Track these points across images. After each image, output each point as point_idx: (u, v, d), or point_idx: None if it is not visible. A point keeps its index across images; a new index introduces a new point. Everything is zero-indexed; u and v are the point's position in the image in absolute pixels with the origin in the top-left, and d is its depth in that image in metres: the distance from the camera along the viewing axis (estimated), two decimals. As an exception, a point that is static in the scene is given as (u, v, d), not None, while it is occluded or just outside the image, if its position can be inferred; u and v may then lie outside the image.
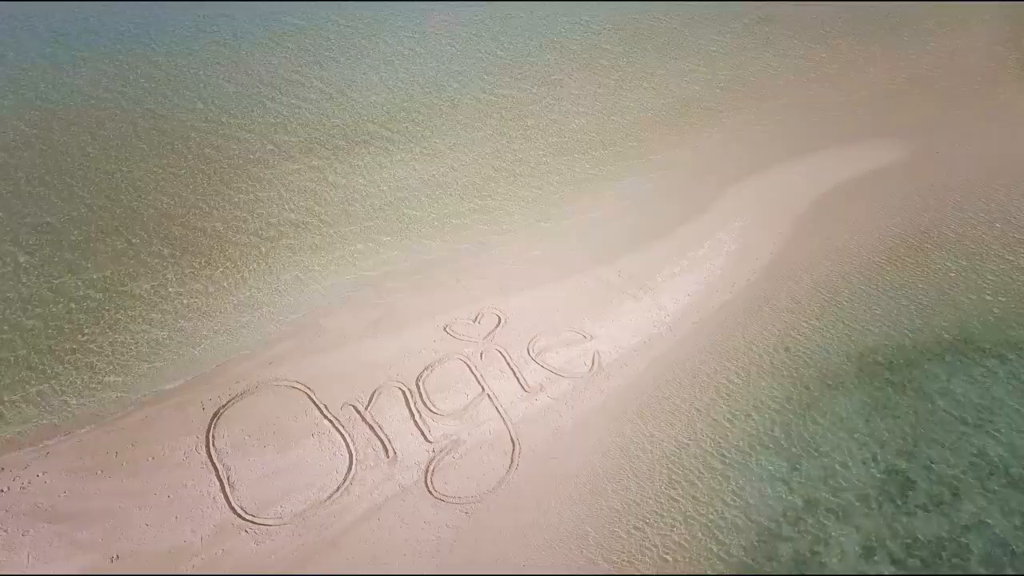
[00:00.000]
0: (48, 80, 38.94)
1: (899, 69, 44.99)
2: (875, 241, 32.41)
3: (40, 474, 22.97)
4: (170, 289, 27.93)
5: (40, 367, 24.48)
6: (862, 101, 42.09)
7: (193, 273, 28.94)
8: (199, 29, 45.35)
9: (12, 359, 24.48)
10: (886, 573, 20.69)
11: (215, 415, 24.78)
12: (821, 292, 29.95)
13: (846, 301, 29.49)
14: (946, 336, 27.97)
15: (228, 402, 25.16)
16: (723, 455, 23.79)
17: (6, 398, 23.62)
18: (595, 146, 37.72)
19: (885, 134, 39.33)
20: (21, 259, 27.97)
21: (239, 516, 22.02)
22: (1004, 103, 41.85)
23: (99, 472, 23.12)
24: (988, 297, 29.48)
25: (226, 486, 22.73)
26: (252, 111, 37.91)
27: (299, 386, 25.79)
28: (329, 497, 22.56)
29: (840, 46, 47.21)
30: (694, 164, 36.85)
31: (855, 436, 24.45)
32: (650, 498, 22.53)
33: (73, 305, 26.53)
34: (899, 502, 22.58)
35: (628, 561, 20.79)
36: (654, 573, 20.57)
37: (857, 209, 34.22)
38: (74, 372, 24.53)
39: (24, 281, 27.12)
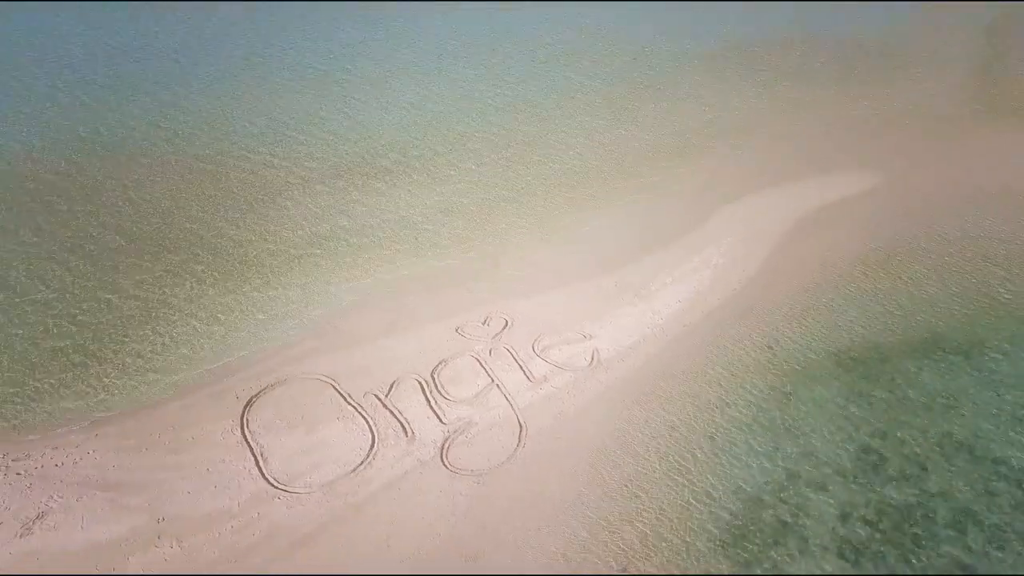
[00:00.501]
0: (96, 118, 42.71)
1: (874, 109, 48.66)
2: (852, 255, 35.20)
3: (91, 452, 25.30)
4: (207, 291, 30.74)
5: (94, 353, 27.15)
6: (841, 137, 45.58)
7: (228, 278, 31.79)
8: (228, 74, 49.36)
9: (71, 346, 27.21)
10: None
11: (248, 403, 27.20)
12: (803, 299, 32.58)
13: (825, 306, 32.09)
14: (916, 335, 30.48)
15: (259, 392, 27.61)
16: (713, 435, 26.06)
17: (65, 376, 26.25)
18: (593, 173, 41.01)
19: (861, 165, 42.59)
20: (73, 263, 30.89)
21: (272, 485, 24.25)
22: (965, 141, 45.23)
23: (144, 450, 25.45)
24: (955, 301, 32.11)
25: (260, 461, 25.02)
26: (281, 144, 41.47)
27: (324, 378, 28.27)
28: (354, 470, 24.81)
29: (821, 88, 51.06)
30: (685, 189, 40.03)
31: (833, 419, 26.74)
32: (646, 470, 24.73)
33: (123, 304, 29.30)
34: (872, 475, 24.75)
35: (626, 520, 22.89)
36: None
37: (835, 228, 37.16)
38: (124, 358, 27.19)
39: (79, 283, 30.02)
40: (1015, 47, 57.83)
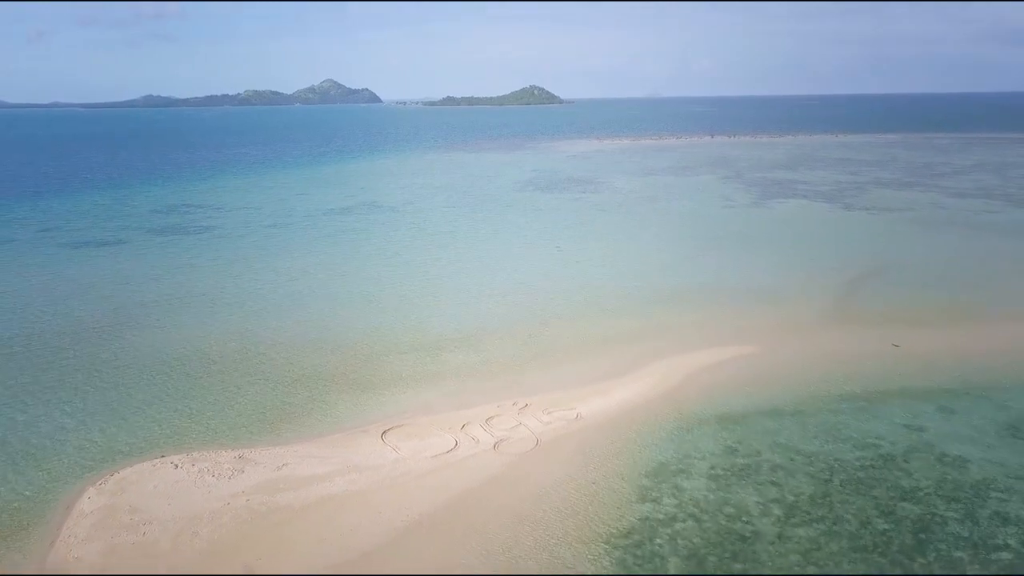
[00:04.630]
0: (246, 330, 68.84)
1: (757, 318, 74.63)
2: (734, 381, 58.05)
3: (303, 446, 46.21)
4: (347, 400, 53.68)
5: (297, 411, 49.48)
6: (736, 332, 70.72)
7: (363, 389, 54.81)
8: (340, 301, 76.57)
9: (291, 405, 49.54)
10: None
11: (383, 432, 48.51)
12: (700, 396, 54.82)
13: (716, 396, 54.29)
14: (765, 408, 52.37)
15: (389, 428, 49.04)
16: (644, 440, 46.96)
17: (283, 421, 48.30)
18: (574, 348, 65.58)
19: (746, 343, 67.12)
20: (275, 379, 54.26)
21: (403, 457, 44.76)
22: (816, 334, 70.41)
23: (331, 447, 46.32)
24: (793, 392, 54.49)
25: (395, 449, 45.78)
26: (380, 338, 67.09)
27: (425, 423, 49.75)
28: (447, 452, 45.47)
29: (726, 308, 77.74)
30: (634, 352, 64.11)
31: (711, 437, 47.76)
32: (603, 455, 45.31)
33: (303, 395, 52.13)
34: (731, 455, 45.27)
35: (594, 469, 43.18)
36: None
37: (726, 368, 60.53)
38: (309, 415, 49.42)
39: (285, 383, 53.20)
40: (861, 287, 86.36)
